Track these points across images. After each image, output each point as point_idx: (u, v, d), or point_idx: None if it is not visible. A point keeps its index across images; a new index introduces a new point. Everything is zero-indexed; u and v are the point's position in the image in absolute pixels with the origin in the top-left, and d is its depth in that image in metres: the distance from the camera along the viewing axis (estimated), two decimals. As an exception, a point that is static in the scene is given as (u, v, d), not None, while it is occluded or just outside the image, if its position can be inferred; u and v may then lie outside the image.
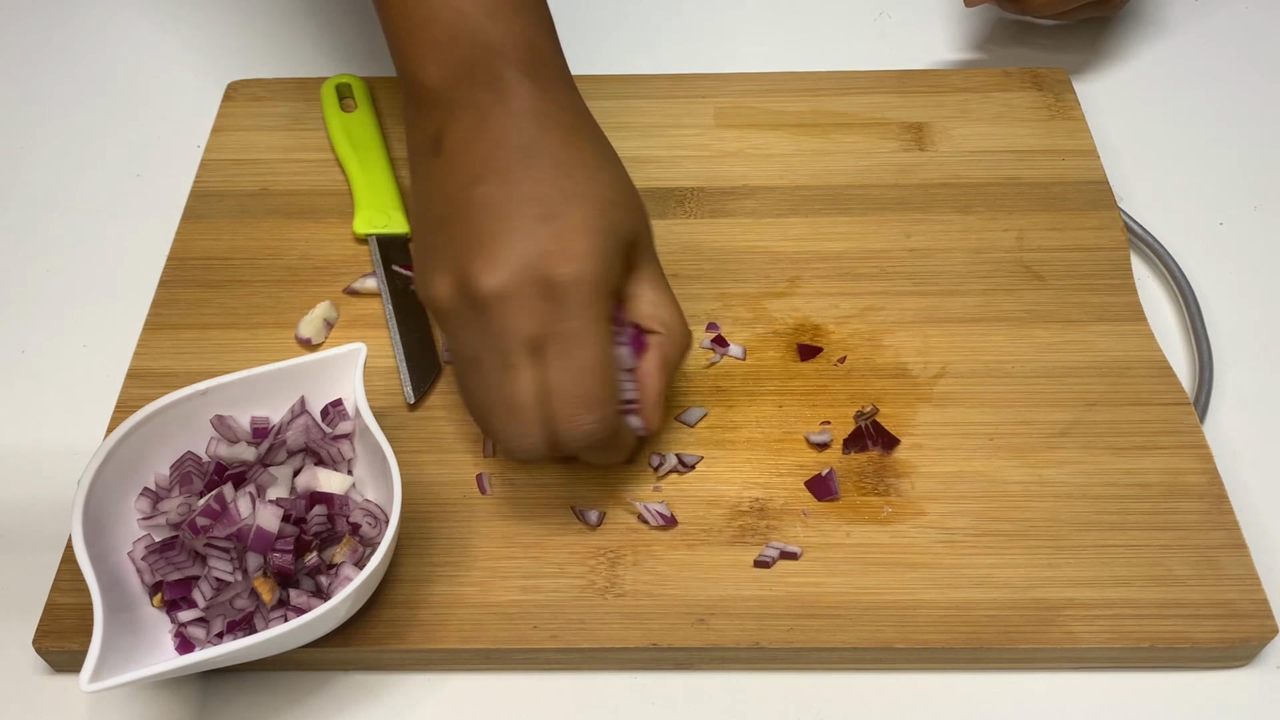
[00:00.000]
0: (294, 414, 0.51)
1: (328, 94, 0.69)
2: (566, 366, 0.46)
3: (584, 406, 0.46)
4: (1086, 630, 0.49)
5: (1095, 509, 0.52)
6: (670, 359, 0.50)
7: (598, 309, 0.46)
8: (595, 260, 0.46)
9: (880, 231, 0.63)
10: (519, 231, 0.46)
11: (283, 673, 0.50)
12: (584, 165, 0.49)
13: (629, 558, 0.51)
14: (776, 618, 0.49)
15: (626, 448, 0.51)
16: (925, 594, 0.50)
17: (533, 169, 0.48)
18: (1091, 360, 0.58)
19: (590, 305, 0.46)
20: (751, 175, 0.66)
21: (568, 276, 0.45)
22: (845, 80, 0.71)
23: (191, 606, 0.48)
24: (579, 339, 0.46)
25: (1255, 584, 0.50)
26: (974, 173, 0.66)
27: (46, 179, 0.70)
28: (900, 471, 0.54)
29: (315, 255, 0.63)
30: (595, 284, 0.46)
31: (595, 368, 0.46)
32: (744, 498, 0.53)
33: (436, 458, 0.54)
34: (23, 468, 0.57)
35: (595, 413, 0.46)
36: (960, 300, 0.60)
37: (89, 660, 0.43)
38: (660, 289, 0.50)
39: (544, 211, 0.46)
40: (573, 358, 0.46)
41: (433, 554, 0.51)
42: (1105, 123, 0.71)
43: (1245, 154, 0.70)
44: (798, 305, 0.60)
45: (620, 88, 0.71)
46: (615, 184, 0.49)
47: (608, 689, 0.50)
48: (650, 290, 0.50)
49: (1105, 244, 0.63)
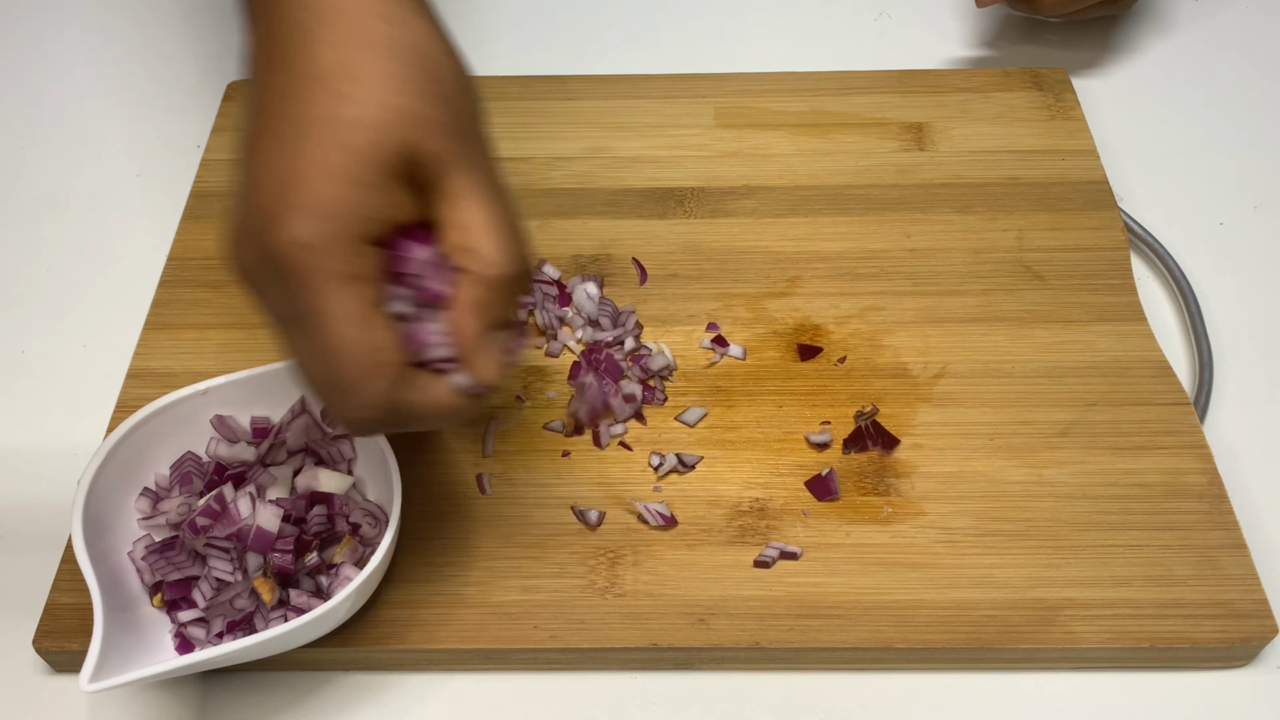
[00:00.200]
0: (294, 414, 0.51)
1: (328, 94, 0.69)
2: (311, 353, 0.39)
3: (339, 394, 0.40)
4: (1086, 630, 0.49)
5: (1095, 509, 0.52)
6: (483, 297, 0.41)
7: (328, 275, 0.38)
8: (318, 214, 0.38)
9: (880, 231, 0.63)
10: (251, 187, 0.39)
11: (283, 673, 0.50)
12: (346, 69, 0.39)
13: (629, 558, 0.51)
14: (776, 618, 0.49)
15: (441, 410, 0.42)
16: (925, 594, 0.50)
17: (279, 90, 0.40)
18: (1091, 360, 0.58)
19: (315, 276, 0.38)
20: (751, 175, 0.66)
21: (279, 247, 0.38)
22: (845, 80, 0.71)
23: (191, 606, 0.48)
24: (311, 319, 0.39)
25: (1255, 584, 0.50)
26: (974, 173, 0.66)
27: (46, 179, 0.70)
28: (900, 471, 0.54)
29: (315, 255, 0.63)
30: (321, 247, 0.38)
31: (334, 349, 0.39)
32: (744, 498, 0.53)
33: (436, 458, 0.54)
34: (23, 468, 0.57)
35: (352, 398, 0.39)
36: (960, 300, 0.60)
37: (89, 660, 0.43)
38: (474, 205, 0.41)
39: (271, 156, 0.39)
40: (313, 342, 0.39)
41: (433, 554, 0.51)
42: (1105, 123, 0.71)
43: (1245, 154, 0.70)
44: (798, 305, 0.60)
45: (620, 88, 0.71)
46: (389, 82, 0.40)
47: (608, 689, 0.50)
48: (460, 210, 0.40)
49: (1105, 244, 0.63)
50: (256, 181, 0.39)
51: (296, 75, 0.40)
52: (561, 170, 0.66)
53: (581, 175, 0.66)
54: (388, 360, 0.40)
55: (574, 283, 0.60)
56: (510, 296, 0.42)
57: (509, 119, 0.69)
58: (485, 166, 0.42)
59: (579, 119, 0.69)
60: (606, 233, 0.63)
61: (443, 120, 0.40)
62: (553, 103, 0.70)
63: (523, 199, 0.65)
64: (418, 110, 0.39)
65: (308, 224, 0.38)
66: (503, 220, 0.41)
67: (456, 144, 0.40)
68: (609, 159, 0.67)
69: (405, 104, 0.39)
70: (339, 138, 0.38)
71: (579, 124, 0.69)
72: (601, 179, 0.66)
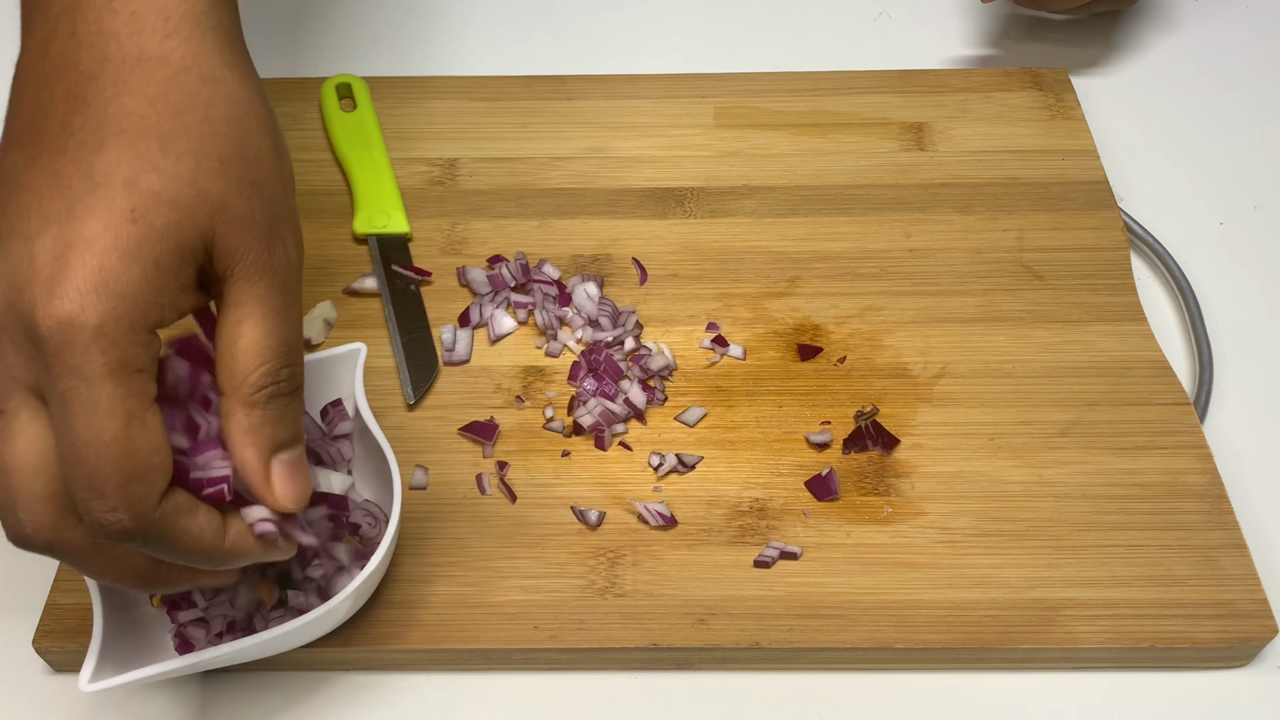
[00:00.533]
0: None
1: (328, 94, 0.69)
2: (65, 438, 0.34)
3: (92, 491, 0.34)
4: (1086, 630, 0.49)
5: (1095, 509, 0.52)
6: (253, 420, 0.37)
7: (103, 362, 0.34)
8: (102, 292, 0.34)
9: (880, 231, 0.63)
10: (13, 239, 0.35)
11: (283, 673, 0.50)
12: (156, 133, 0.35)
13: (629, 558, 0.51)
14: (776, 618, 0.49)
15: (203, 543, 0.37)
16: (925, 594, 0.50)
17: (72, 131, 0.35)
18: (1091, 360, 0.58)
19: (85, 360, 0.33)
20: (751, 175, 0.66)
21: (50, 323, 0.33)
22: (845, 80, 0.71)
23: (191, 606, 0.48)
24: (71, 407, 0.34)
25: (1255, 584, 0.50)
26: (974, 173, 0.66)
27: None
28: (900, 471, 0.54)
29: (315, 255, 0.63)
30: (97, 329, 0.33)
31: (94, 444, 0.34)
32: (744, 498, 0.53)
33: (436, 458, 0.54)
34: (23, 468, 0.57)
35: (107, 500, 0.34)
36: (960, 300, 0.60)
37: (89, 660, 0.43)
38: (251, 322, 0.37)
39: (54, 209, 0.34)
40: (71, 429, 0.34)
41: (433, 554, 0.51)
42: (1105, 123, 0.71)
43: (1245, 154, 0.70)
44: (798, 305, 0.60)
45: (620, 88, 0.71)
46: (204, 162, 0.36)
47: (608, 689, 0.50)
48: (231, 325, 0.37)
49: (1105, 244, 0.63)
50: (25, 228, 0.34)
51: (91, 119, 0.35)
52: (561, 170, 0.66)
53: (581, 175, 0.66)
54: (158, 464, 0.35)
55: (574, 283, 0.60)
56: (282, 417, 0.38)
57: (509, 119, 0.69)
58: (280, 272, 0.38)
59: (579, 119, 0.69)
60: (606, 233, 0.63)
61: (251, 216, 0.37)
62: (553, 103, 0.70)
63: (523, 199, 0.65)
64: (228, 201, 0.36)
65: (87, 301, 0.33)
66: (276, 341, 0.38)
67: (258, 243, 0.37)
68: (608, 159, 0.67)
69: (216, 190, 0.36)
70: (137, 209, 0.34)
71: (579, 124, 0.69)
72: (601, 179, 0.66)
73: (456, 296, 0.61)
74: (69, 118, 0.36)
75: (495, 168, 0.67)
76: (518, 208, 0.65)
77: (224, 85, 0.38)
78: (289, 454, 0.39)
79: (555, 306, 0.59)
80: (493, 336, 0.59)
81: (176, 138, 0.36)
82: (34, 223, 0.34)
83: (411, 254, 0.62)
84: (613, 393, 0.56)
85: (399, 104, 0.70)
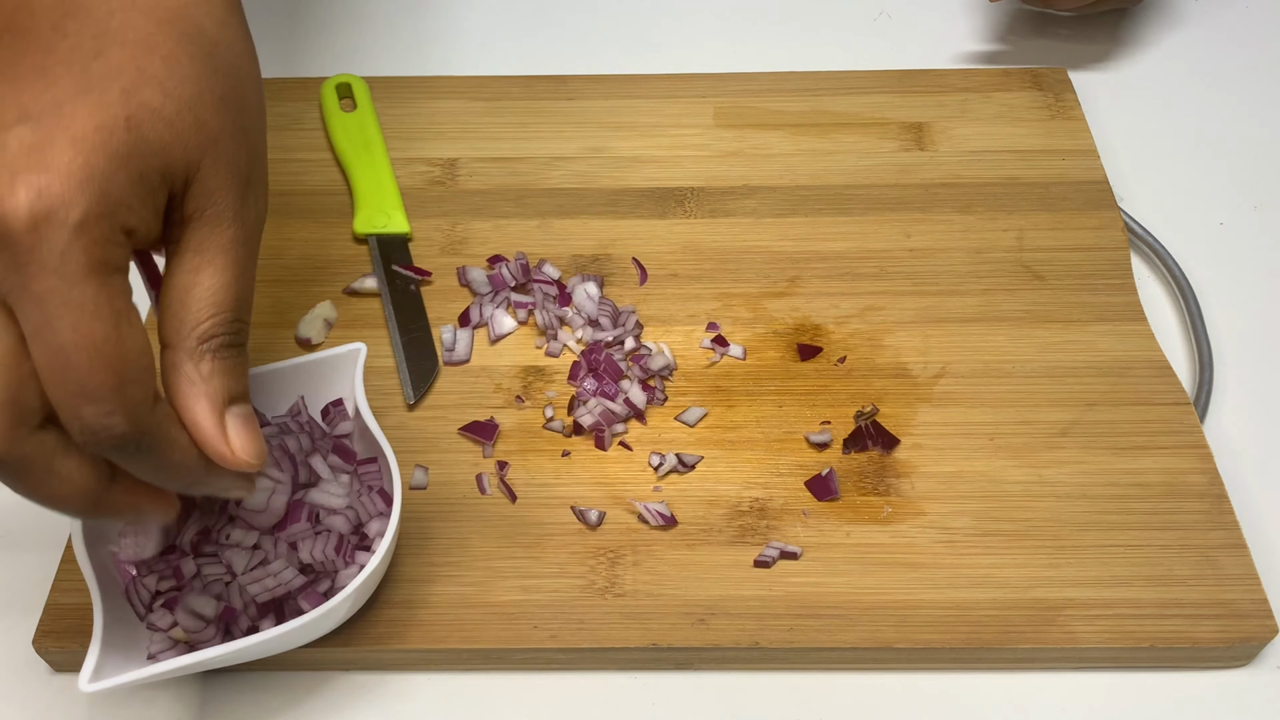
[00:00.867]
0: (293, 414, 0.51)
1: (328, 94, 0.69)
2: (47, 341, 0.32)
3: (84, 396, 0.33)
4: (1086, 630, 0.49)
5: (1095, 509, 0.52)
6: (203, 370, 0.35)
7: (85, 261, 0.32)
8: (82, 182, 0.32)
9: (880, 231, 0.63)
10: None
11: (283, 673, 0.50)
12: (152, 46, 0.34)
13: (629, 558, 0.51)
14: (776, 618, 0.49)
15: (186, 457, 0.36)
16: (925, 594, 0.50)
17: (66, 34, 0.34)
18: (1091, 360, 0.58)
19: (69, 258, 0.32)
20: (751, 175, 0.66)
21: (22, 215, 0.31)
22: (845, 80, 0.71)
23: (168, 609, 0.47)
24: (54, 306, 0.32)
25: (1255, 584, 0.50)
26: (974, 173, 0.66)
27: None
28: (900, 471, 0.54)
29: (315, 255, 0.63)
30: (76, 226, 0.32)
31: (88, 346, 0.32)
32: (744, 498, 0.53)
33: (436, 458, 0.54)
34: (22, 468, 0.57)
35: (103, 404, 0.33)
36: (960, 300, 0.60)
37: (89, 660, 0.43)
38: (209, 265, 0.35)
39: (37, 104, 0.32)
40: (55, 331, 0.32)
41: (433, 554, 0.51)
42: (1105, 123, 0.71)
43: (1245, 154, 0.70)
44: (798, 305, 0.60)
45: (620, 88, 0.71)
46: (202, 94, 0.35)
47: (608, 689, 0.50)
48: (187, 270, 0.35)
49: (1105, 244, 0.63)
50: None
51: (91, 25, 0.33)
52: (561, 170, 0.66)
53: (581, 175, 0.66)
54: (148, 366, 0.34)
55: (574, 283, 0.60)
56: (234, 368, 0.36)
57: (509, 119, 0.69)
58: (248, 225, 0.37)
59: (579, 119, 0.69)
60: (606, 233, 0.63)
61: (236, 161, 0.36)
62: (553, 103, 0.70)
63: (523, 199, 0.65)
64: (221, 139, 0.35)
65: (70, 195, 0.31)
66: (233, 294, 0.36)
67: (236, 190, 0.36)
68: (609, 159, 0.67)
69: (213, 124, 0.35)
70: (132, 118, 0.33)
71: (579, 124, 0.69)
72: (601, 179, 0.66)
73: (456, 296, 0.61)
74: (63, 20, 0.34)
75: (495, 168, 0.67)
76: (518, 208, 0.65)
77: (228, 30, 0.37)
78: (241, 407, 0.37)
79: (555, 306, 0.59)
80: (493, 336, 0.59)
81: (181, 62, 0.35)
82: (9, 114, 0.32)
83: (411, 254, 0.62)
84: (613, 393, 0.56)
85: (399, 104, 0.70)
